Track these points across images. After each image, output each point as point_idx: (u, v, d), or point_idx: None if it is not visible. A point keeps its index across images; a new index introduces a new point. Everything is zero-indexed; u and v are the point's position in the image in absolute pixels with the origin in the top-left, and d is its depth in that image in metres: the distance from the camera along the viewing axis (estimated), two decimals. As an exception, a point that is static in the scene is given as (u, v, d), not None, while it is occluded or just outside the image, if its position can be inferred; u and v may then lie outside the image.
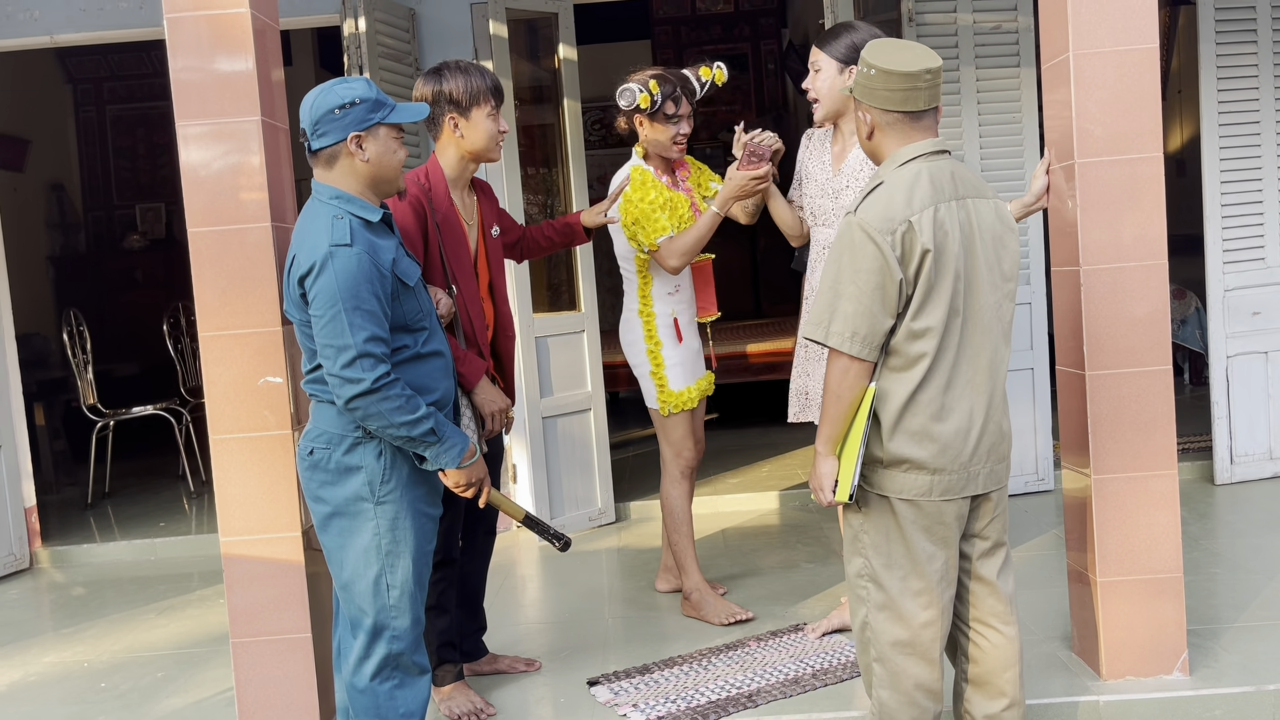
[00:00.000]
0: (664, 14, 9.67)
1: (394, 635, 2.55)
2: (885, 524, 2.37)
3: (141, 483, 6.47)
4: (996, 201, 2.42)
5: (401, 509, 2.53)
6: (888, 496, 2.35)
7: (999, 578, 2.48)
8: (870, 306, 2.26)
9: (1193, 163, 6.12)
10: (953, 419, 2.32)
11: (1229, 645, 3.20)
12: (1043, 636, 3.36)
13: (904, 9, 4.72)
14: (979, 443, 2.35)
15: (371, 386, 2.38)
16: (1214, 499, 4.74)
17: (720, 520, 5.06)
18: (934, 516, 2.34)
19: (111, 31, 5.04)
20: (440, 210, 3.06)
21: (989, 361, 2.36)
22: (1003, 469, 2.43)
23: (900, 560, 2.36)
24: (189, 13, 2.92)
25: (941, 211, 2.28)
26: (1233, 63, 4.76)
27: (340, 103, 2.47)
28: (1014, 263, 2.42)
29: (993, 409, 2.37)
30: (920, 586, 2.36)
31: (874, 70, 2.33)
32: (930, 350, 2.29)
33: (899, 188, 2.30)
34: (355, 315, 2.38)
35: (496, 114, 3.09)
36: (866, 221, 2.27)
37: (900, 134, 2.37)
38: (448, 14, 5.03)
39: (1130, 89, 2.94)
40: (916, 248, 2.25)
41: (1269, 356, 4.90)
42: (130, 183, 9.08)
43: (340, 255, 2.40)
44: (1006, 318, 2.41)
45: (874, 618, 2.40)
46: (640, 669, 3.34)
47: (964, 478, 2.35)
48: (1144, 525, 3.00)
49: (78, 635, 4.14)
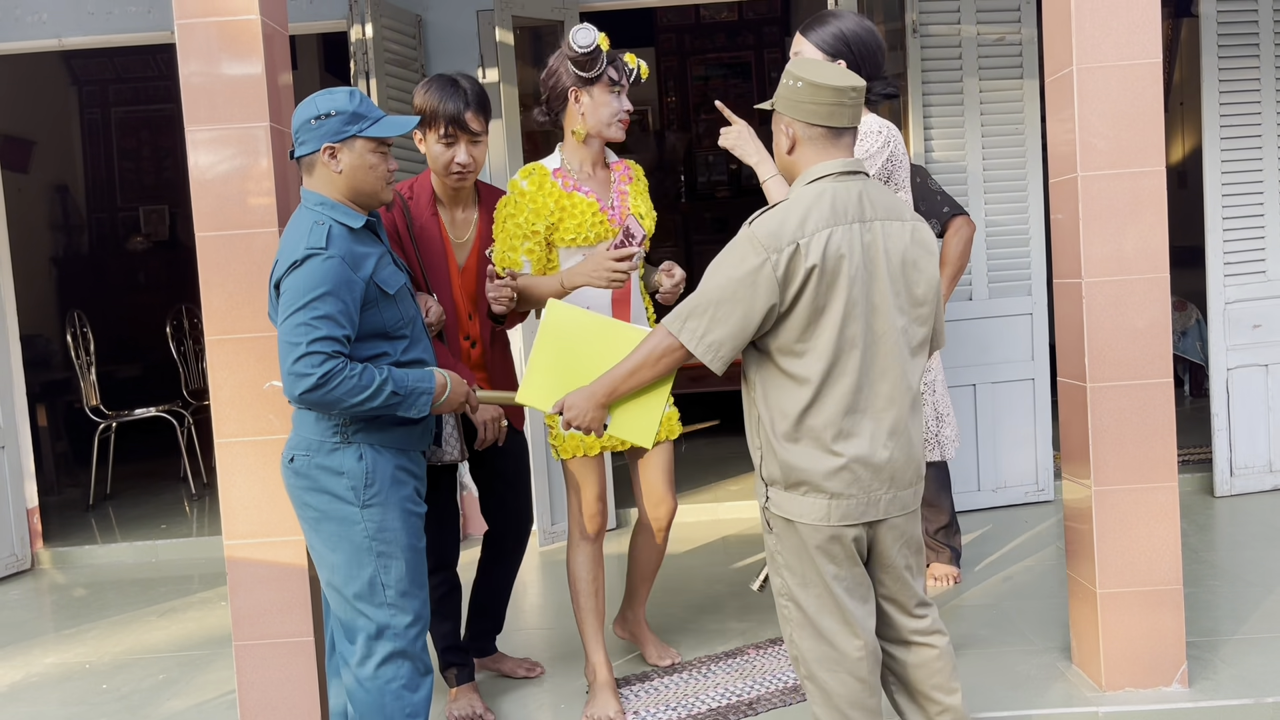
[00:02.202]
0: (668, 22, 9.70)
1: (395, 633, 2.56)
2: (795, 545, 2.36)
3: (143, 484, 6.48)
4: (915, 224, 2.39)
5: (388, 510, 2.55)
6: (793, 520, 2.34)
7: (916, 599, 2.46)
8: (729, 316, 2.26)
9: (1194, 175, 6.14)
10: (852, 443, 2.30)
11: (1228, 658, 3.21)
12: (1042, 647, 3.37)
13: (908, 20, 4.74)
14: (881, 469, 2.32)
15: (317, 382, 2.40)
16: (1214, 511, 4.75)
17: (721, 528, 5.07)
18: (834, 540, 2.33)
19: (119, 35, 5.06)
20: (419, 221, 3.05)
21: (893, 386, 2.33)
22: (909, 495, 2.39)
23: (813, 580, 2.35)
24: (200, 18, 2.93)
25: (838, 234, 2.27)
26: (1234, 76, 4.78)
27: (317, 113, 2.51)
28: (929, 286, 2.38)
29: (898, 434, 2.34)
30: (833, 605, 2.35)
31: (801, 83, 2.32)
32: (818, 372, 2.27)
33: (797, 207, 2.29)
34: (311, 315, 2.41)
35: (449, 143, 2.96)
36: (756, 234, 2.27)
37: (819, 150, 2.35)
38: (454, 21, 5.05)
39: (1133, 103, 2.96)
40: (800, 268, 2.24)
41: (1269, 369, 4.92)
42: (134, 185, 9.09)
43: (313, 259, 2.43)
44: (916, 341, 2.38)
45: (797, 635, 2.40)
46: (640, 676, 3.35)
47: (864, 503, 2.32)
48: (1144, 537, 3.01)
49: (79, 636, 4.15)
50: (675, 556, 4.57)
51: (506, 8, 4.74)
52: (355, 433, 2.52)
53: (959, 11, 4.78)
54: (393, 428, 2.57)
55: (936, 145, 4.81)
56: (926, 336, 2.41)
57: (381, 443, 2.55)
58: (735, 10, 9.65)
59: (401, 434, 2.59)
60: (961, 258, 3.91)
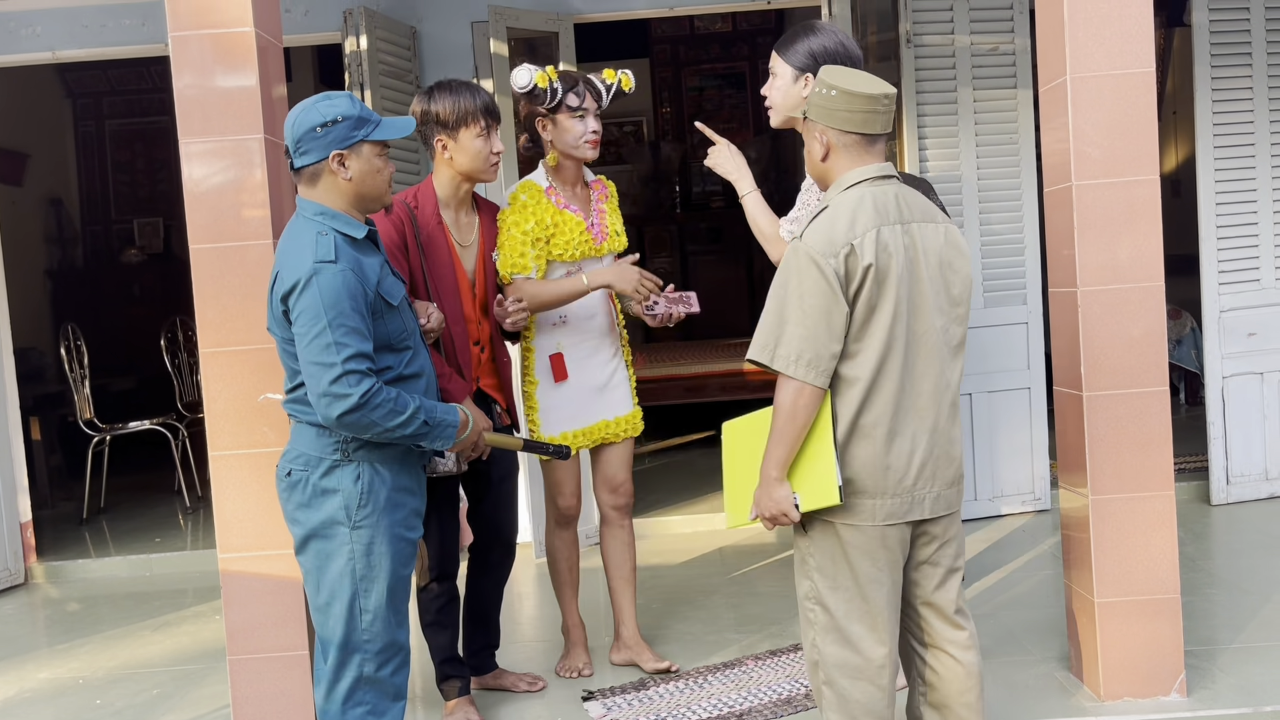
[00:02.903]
0: (662, 33, 9.72)
1: (364, 658, 2.53)
2: (830, 547, 2.35)
3: (137, 498, 6.45)
4: (948, 226, 2.42)
5: (377, 533, 2.51)
6: (832, 521, 2.34)
7: (954, 605, 2.46)
8: (815, 331, 2.25)
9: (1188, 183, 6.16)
10: (896, 442, 2.31)
11: (1226, 667, 3.20)
12: (1040, 657, 3.37)
13: (902, 30, 4.76)
14: (924, 467, 2.33)
15: (358, 402, 2.38)
16: (1210, 520, 4.74)
17: (717, 539, 5.05)
18: (877, 541, 2.32)
19: (113, 48, 5.05)
20: (426, 229, 3.06)
21: (934, 385, 2.34)
22: (952, 493, 2.40)
23: (846, 584, 2.34)
24: (194, 31, 2.93)
25: (884, 234, 2.28)
26: (1227, 84, 4.80)
27: (322, 120, 2.46)
28: (964, 286, 2.41)
29: (939, 433, 2.35)
30: (864, 610, 2.34)
31: (835, 91, 2.33)
32: (869, 372, 2.28)
33: (842, 211, 2.30)
34: (339, 333, 2.38)
35: (488, 134, 3.05)
36: (811, 246, 2.27)
37: (854, 157, 2.37)
38: (449, 32, 5.05)
39: (1127, 112, 2.97)
40: (859, 268, 2.25)
41: (1264, 377, 4.92)
42: (129, 197, 9.09)
43: (325, 272, 2.39)
44: (955, 340, 2.40)
45: (821, 640, 2.38)
46: (636, 684, 3.34)
47: (908, 502, 2.33)
48: (1141, 546, 3.00)
49: (73, 651, 4.13)
50: (672, 568, 4.56)
51: (501, 19, 4.75)
52: (356, 449, 2.50)
53: (953, 22, 4.80)
54: (394, 444, 2.55)
55: (931, 155, 4.82)
56: (963, 337, 2.43)
57: (382, 459, 2.52)
58: (729, 21, 9.68)
59: (402, 449, 2.58)
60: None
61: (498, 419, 3.20)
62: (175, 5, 2.94)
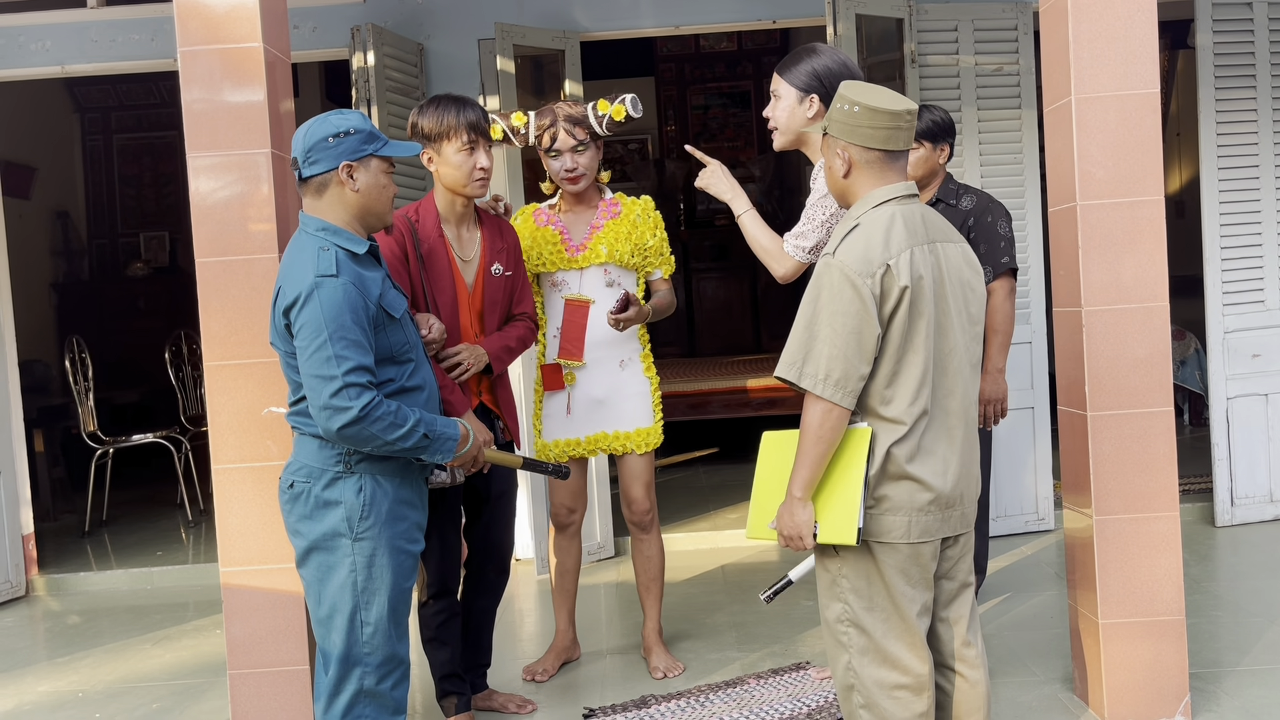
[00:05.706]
0: (668, 51, 9.76)
1: (365, 671, 2.52)
2: (865, 567, 2.34)
3: (139, 511, 6.45)
4: (963, 245, 2.42)
5: (379, 546, 2.51)
6: (866, 540, 2.33)
7: (966, 620, 2.45)
8: (845, 350, 2.23)
9: (1192, 204, 6.17)
10: (929, 461, 2.31)
11: (1231, 689, 3.19)
12: (1044, 678, 3.35)
13: (906, 50, 4.78)
14: (956, 484, 2.34)
15: (358, 415, 2.39)
16: (1214, 541, 4.73)
17: (720, 556, 5.04)
18: (911, 559, 2.32)
19: (122, 63, 5.09)
20: (427, 241, 3.07)
21: (960, 403, 2.35)
22: (972, 510, 2.42)
23: (882, 603, 2.33)
24: (203, 46, 2.95)
25: (917, 254, 2.28)
26: (1232, 106, 4.81)
27: (335, 131, 2.50)
28: (980, 305, 2.42)
29: (966, 450, 2.36)
30: (903, 628, 2.34)
31: (858, 108, 2.32)
32: (908, 396, 2.27)
33: (876, 230, 2.29)
34: (340, 346, 2.39)
35: (471, 150, 3.02)
36: (846, 264, 2.25)
37: (876, 174, 2.36)
38: (456, 49, 5.08)
39: (1131, 133, 2.97)
40: (895, 288, 2.25)
41: (1269, 399, 4.91)
42: (135, 211, 9.12)
43: (326, 286, 2.41)
44: (975, 359, 2.41)
45: (858, 663, 2.36)
46: (638, 702, 3.32)
47: (940, 519, 2.33)
48: (1146, 567, 2.99)
49: (73, 664, 4.12)
50: (674, 585, 4.55)
51: (507, 37, 4.77)
52: (359, 462, 2.50)
53: (957, 42, 4.82)
54: (396, 456, 2.55)
55: (935, 174, 4.83)
56: (980, 355, 2.45)
57: (384, 472, 2.53)
58: (734, 40, 9.72)
59: (404, 462, 2.58)
60: (1011, 320, 3.65)
61: (500, 434, 3.20)
62: (185, 21, 2.96)
